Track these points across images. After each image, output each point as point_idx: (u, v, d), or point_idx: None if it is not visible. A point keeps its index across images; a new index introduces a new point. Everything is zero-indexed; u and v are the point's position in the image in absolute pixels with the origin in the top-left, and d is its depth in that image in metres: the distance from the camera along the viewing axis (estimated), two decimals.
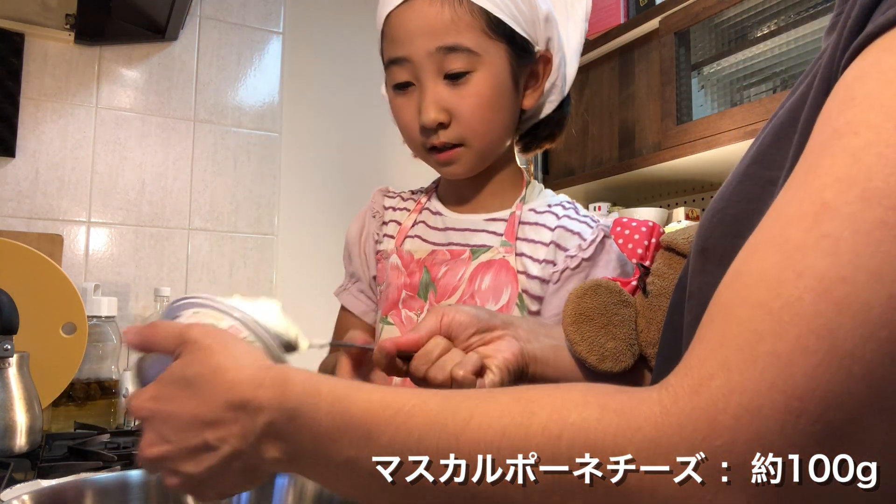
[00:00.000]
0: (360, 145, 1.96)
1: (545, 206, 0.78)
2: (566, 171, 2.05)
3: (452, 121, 0.71)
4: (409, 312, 0.78)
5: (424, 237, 0.81)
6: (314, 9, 1.94)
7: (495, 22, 0.70)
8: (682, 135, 1.60)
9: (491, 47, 0.70)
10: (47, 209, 1.57)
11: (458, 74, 0.70)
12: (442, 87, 0.70)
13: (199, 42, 1.76)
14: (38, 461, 0.97)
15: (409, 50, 0.70)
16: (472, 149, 0.73)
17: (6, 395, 1.01)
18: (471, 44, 0.69)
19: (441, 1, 0.69)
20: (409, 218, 0.83)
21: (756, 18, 1.57)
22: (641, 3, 1.77)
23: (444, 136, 0.72)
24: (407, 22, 0.70)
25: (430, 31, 0.69)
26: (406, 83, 0.72)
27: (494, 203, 0.79)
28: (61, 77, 1.60)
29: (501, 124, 0.74)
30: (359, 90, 1.97)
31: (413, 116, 0.72)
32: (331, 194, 1.92)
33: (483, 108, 0.71)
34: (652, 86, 1.75)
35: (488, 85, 0.70)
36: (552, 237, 0.75)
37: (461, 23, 0.68)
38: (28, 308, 1.14)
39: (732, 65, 1.62)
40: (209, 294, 0.52)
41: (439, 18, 0.68)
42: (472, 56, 0.69)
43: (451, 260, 0.77)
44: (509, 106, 0.74)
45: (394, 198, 0.88)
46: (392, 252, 0.81)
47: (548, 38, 0.75)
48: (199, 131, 1.74)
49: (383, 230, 0.85)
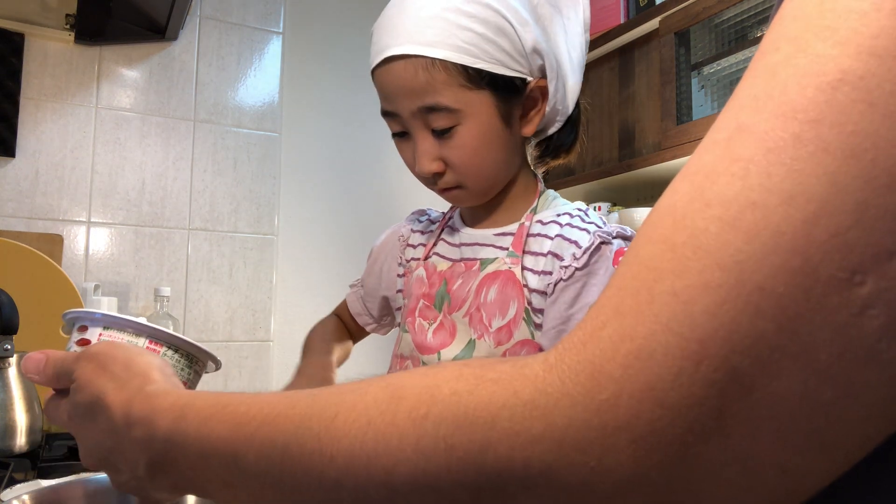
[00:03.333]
0: (360, 145, 1.96)
1: (553, 216, 0.76)
2: (566, 171, 2.05)
3: (447, 168, 0.73)
4: (423, 321, 0.79)
5: (442, 254, 0.83)
6: (314, 9, 1.94)
7: (474, 73, 0.68)
8: (682, 135, 1.60)
9: (473, 98, 0.69)
10: (47, 209, 1.57)
11: (444, 130, 0.70)
12: (431, 140, 0.71)
13: (199, 42, 1.76)
14: (38, 461, 0.97)
15: (394, 107, 0.72)
16: (470, 189, 0.75)
17: (6, 395, 1.01)
18: (449, 102, 0.68)
19: (415, 65, 0.68)
20: (433, 235, 0.86)
21: (756, 18, 1.57)
22: (641, 3, 1.77)
23: (442, 183, 0.74)
24: (388, 83, 0.71)
25: (409, 93, 0.69)
26: (402, 132, 0.74)
27: (506, 217, 0.80)
28: (61, 77, 1.60)
29: (496, 163, 0.74)
30: (359, 90, 1.97)
31: (413, 161, 0.75)
32: (331, 194, 1.92)
33: (473, 157, 0.72)
34: (652, 86, 1.75)
35: (474, 136, 0.71)
36: (550, 247, 0.73)
37: (437, 83, 0.68)
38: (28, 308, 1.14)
39: (732, 65, 1.62)
40: (109, 312, 0.54)
41: (415, 81, 0.68)
42: (454, 112, 0.69)
43: (465, 272, 0.78)
44: (502, 145, 0.74)
45: (423, 221, 0.91)
46: (419, 265, 0.83)
47: (539, 66, 0.74)
48: (199, 131, 1.74)
49: (409, 253, 0.88)
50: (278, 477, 0.31)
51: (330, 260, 1.91)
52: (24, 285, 1.24)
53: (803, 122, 0.22)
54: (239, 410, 0.34)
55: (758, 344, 0.21)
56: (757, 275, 0.21)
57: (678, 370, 0.22)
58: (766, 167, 0.22)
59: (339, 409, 0.30)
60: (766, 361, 0.21)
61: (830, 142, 0.21)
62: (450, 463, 0.25)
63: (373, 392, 0.29)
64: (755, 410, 0.22)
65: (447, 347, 0.76)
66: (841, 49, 0.22)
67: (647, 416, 0.22)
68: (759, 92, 0.23)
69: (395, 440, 0.27)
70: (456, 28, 0.68)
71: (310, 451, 0.29)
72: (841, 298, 0.21)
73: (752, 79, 0.24)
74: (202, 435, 0.35)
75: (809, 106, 0.22)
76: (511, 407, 0.25)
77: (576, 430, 0.23)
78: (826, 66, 0.22)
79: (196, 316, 1.70)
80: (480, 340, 0.74)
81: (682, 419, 0.22)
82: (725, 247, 0.22)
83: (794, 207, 0.21)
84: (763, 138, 0.22)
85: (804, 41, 0.23)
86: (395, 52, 0.68)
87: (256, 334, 1.77)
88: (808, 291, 0.21)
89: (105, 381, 0.43)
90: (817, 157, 0.21)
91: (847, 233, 0.21)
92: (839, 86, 0.21)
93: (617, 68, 1.87)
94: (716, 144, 0.24)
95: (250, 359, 1.75)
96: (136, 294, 1.64)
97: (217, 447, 0.34)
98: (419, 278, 0.82)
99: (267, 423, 0.32)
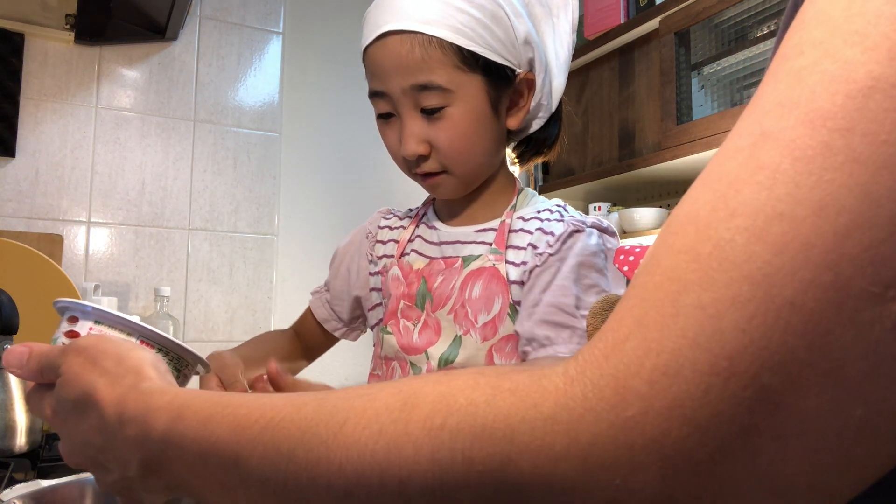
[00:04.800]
0: (360, 145, 1.96)
1: (533, 212, 0.78)
2: (566, 171, 2.05)
3: (432, 151, 0.72)
4: (407, 322, 0.79)
5: (420, 251, 0.82)
6: (314, 9, 1.94)
7: (468, 55, 0.69)
8: (682, 135, 1.60)
9: (465, 81, 0.70)
10: (47, 209, 1.57)
11: (434, 110, 0.70)
12: (419, 120, 0.71)
13: (199, 42, 1.76)
14: (38, 461, 0.97)
15: (385, 85, 0.71)
16: (454, 175, 0.74)
17: (6, 395, 1.01)
18: (443, 81, 0.69)
19: (411, 40, 0.69)
20: (406, 231, 0.85)
21: (756, 18, 1.57)
22: (641, 3, 1.77)
23: (426, 166, 0.74)
24: (381, 59, 0.71)
25: (402, 70, 0.69)
26: (388, 114, 0.74)
27: (486, 214, 0.80)
28: (61, 77, 1.60)
29: (481, 151, 0.75)
30: (359, 90, 1.97)
31: (397, 144, 0.74)
32: (331, 194, 1.92)
33: (460, 140, 0.72)
34: (652, 86, 1.75)
35: (463, 118, 0.71)
36: (530, 240, 0.75)
37: (432, 61, 0.68)
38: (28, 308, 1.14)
39: (732, 65, 1.62)
40: (100, 306, 0.53)
41: (410, 57, 0.69)
42: (446, 92, 0.69)
43: (445, 269, 0.78)
44: (489, 132, 0.74)
45: (390, 218, 0.90)
46: (393, 264, 0.82)
47: (529, 59, 0.75)
48: (199, 131, 1.74)
49: (379, 250, 0.87)
50: (282, 483, 0.30)
51: (330, 260, 1.91)
52: (24, 285, 1.24)
53: (833, 130, 0.21)
54: (239, 412, 0.33)
55: (788, 361, 0.21)
56: (787, 290, 0.21)
57: (707, 387, 0.21)
58: (793, 176, 0.21)
59: (349, 416, 0.29)
60: (795, 378, 0.21)
61: (862, 151, 0.20)
62: (468, 476, 0.25)
63: (383, 398, 0.28)
64: (784, 429, 0.21)
65: (434, 345, 0.76)
66: (871, 55, 0.21)
67: (675, 433, 0.22)
68: (784, 98, 0.23)
69: (409, 450, 0.26)
70: (454, 10, 0.69)
71: (317, 459, 0.29)
72: (873, 314, 0.20)
73: (775, 83, 0.23)
74: (201, 436, 0.34)
75: (839, 113, 0.21)
76: (531, 421, 0.24)
77: (601, 447, 0.22)
78: (856, 73, 0.21)
79: (196, 316, 1.70)
80: (467, 336, 0.74)
81: (711, 438, 0.21)
82: (753, 259, 0.21)
83: (824, 219, 0.21)
84: (790, 146, 0.22)
85: (832, 46, 0.22)
86: (393, 27, 0.69)
87: (256, 334, 1.77)
88: (839, 306, 0.20)
89: (95, 377, 0.41)
90: (848, 168, 0.20)
91: (880, 246, 0.20)
92: (871, 93, 0.21)
93: (617, 68, 1.87)
94: (739, 151, 0.23)
95: None
96: (136, 294, 1.64)
97: (218, 449, 0.33)
98: (395, 278, 0.81)
99: (271, 427, 0.31)
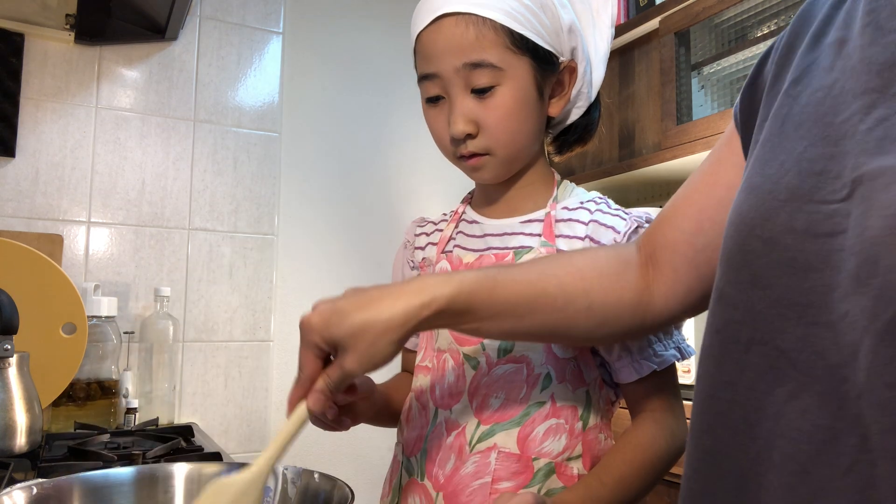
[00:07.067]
0: (361, 145, 1.96)
1: (577, 203, 0.79)
2: (566, 171, 2.05)
3: (479, 131, 0.75)
4: None
5: (464, 245, 0.83)
6: (314, 9, 1.94)
7: (518, 38, 0.73)
8: (682, 135, 1.60)
9: (515, 62, 0.74)
10: (47, 209, 1.57)
11: (484, 89, 0.74)
12: (469, 100, 0.74)
13: (199, 42, 1.76)
14: (38, 461, 0.97)
15: (437, 66, 0.75)
16: (497, 157, 0.77)
17: (6, 395, 1.01)
18: (494, 60, 0.73)
19: (466, 21, 0.73)
20: (447, 228, 0.87)
21: (756, 18, 1.57)
22: (641, 3, 1.77)
23: (471, 146, 0.76)
24: (435, 41, 0.74)
25: (456, 49, 0.73)
26: (437, 97, 0.77)
27: (528, 205, 0.82)
28: (61, 77, 1.60)
29: (526, 133, 0.77)
30: (359, 90, 1.97)
31: (444, 127, 0.77)
32: (331, 194, 1.92)
33: (508, 120, 0.75)
34: (652, 86, 1.75)
35: (513, 97, 0.74)
36: (586, 231, 0.76)
37: (485, 40, 0.72)
38: (28, 308, 1.14)
39: (732, 65, 1.62)
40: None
41: (465, 37, 0.73)
42: (497, 71, 0.73)
43: (496, 263, 0.79)
44: (534, 115, 0.77)
45: (424, 225, 0.92)
46: (440, 258, 0.83)
47: (572, 47, 0.79)
48: (199, 131, 1.74)
49: (419, 256, 0.89)
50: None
51: (330, 260, 1.91)
52: (24, 285, 1.24)
53: None
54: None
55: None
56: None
57: None
58: None
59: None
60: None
61: None
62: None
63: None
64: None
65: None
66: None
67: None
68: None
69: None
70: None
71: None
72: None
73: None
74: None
75: None
76: None
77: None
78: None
79: (196, 316, 1.70)
80: None
81: None
82: None
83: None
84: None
85: None
86: (449, 9, 0.73)
87: (256, 334, 1.77)
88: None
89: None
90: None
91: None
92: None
93: (617, 68, 1.87)
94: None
95: (250, 359, 1.75)
96: (136, 294, 1.64)
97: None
98: (444, 271, 0.82)
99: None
